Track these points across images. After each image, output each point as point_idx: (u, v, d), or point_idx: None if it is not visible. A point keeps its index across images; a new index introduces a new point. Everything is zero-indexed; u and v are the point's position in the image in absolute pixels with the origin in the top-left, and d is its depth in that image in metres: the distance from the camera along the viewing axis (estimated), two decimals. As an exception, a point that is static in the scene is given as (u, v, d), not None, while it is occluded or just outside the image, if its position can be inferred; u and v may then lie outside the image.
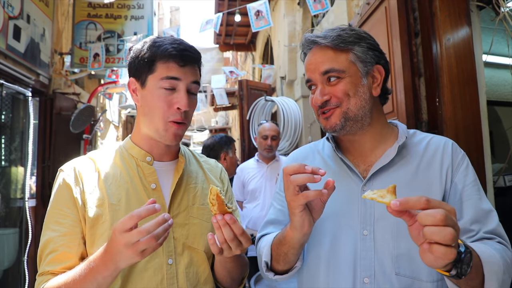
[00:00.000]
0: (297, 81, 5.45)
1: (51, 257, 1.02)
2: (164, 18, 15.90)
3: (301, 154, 1.31)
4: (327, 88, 1.10)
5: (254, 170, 3.50)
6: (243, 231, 0.95)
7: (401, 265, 1.00)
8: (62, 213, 1.07)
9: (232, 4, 7.17)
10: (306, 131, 5.03)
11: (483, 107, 2.07)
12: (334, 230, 1.09)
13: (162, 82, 1.09)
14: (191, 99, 1.13)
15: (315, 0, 3.58)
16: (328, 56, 1.11)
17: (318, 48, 1.14)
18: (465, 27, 2.06)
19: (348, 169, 1.15)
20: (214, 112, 15.97)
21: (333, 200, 1.01)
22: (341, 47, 1.10)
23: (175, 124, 1.11)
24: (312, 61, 1.14)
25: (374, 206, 1.06)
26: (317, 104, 1.11)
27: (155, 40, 1.13)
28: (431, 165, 1.09)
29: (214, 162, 1.40)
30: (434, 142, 1.14)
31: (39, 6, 4.59)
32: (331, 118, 1.10)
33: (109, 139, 7.92)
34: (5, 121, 4.32)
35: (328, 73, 1.09)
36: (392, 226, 1.03)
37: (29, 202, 4.50)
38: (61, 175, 1.13)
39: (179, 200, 1.18)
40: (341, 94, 1.08)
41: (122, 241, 0.86)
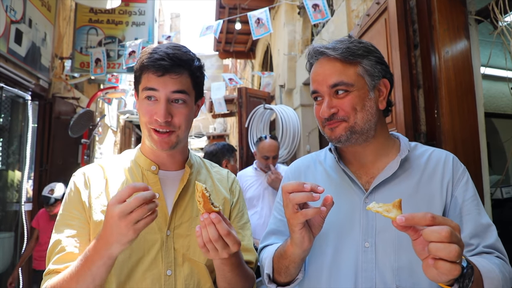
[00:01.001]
0: (296, 89, 5.47)
1: (58, 257, 1.03)
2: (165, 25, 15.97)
3: (303, 165, 1.30)
4: (334, 101, 1.09)
5: (253, 178, 3.50)
6: (228, 232, 0.92)
7: (402, 278, 1.01)
8: (72, 215, 1.09)
9: (233, 12, 7.22)
10: (305, 140, 5.05)
11: (481, 119, 2.09)
12: (336, 241, 1.09)
13: (144, 92, 1.10)
14: (175, 109, 1.11)
15: (315, 9, 3.61)
16: (337, 68, 1.10)
17: (326, 59, 1.12)
18: (464, 40, 2.09)
19: (350, 181, 1.15)
20: (212, 118, 15.98)
21: (335, 211, 1.02)
22: (350, 59, 1.10)
23: (155, 132, 1.10)
24: (319, 72, 1.12)
25: (376, 219, 1.07)
26: (324, 117, 1.10)
27: (145, 51, 1.13)
28: (432, 179, 1.10)
29: (226, 173, 1.37)
30: (436, 155, 1.15)
31: (41, 10, 4.62)
32: (336, 129, 1.09)
33: (107, 144, 7.92)
34: (3, 124, 4.32)
35: (336, 86, 1.08)
36: (393, 239, 1.03)
37: (25, 206, 4.48)
38: (72, 179, 1.16)
39: (182, 211, 1.16)
40: (349, 108, 1.08)
41: (116, 212, 0.87)
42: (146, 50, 1.13)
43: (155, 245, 1.10)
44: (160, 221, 1.12)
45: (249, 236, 1.28)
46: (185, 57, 1.12)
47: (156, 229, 1.11)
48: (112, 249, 0.90)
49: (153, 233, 1.10)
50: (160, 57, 1.07)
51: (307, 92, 5.20)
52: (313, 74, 1.15)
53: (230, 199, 1.28)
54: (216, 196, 1.25)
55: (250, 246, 1.25)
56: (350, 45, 1.11)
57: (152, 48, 1.12)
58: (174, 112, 1.10)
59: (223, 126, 18.05)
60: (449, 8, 2.08)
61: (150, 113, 1.09)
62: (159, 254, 1.10)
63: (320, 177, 1.22)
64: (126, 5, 5.75)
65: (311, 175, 1.25)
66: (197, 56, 1.19)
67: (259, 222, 3.26)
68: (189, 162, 1.25)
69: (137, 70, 1.13)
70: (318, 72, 1.13)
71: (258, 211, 3.33)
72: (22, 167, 4.58)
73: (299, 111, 5.19)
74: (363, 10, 3.09)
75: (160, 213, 1.12)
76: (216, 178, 1.31)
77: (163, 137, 1.10)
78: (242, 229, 1.27)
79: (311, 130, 5.06)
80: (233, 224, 1.26)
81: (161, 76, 1.08)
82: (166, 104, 1.08)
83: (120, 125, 9.59)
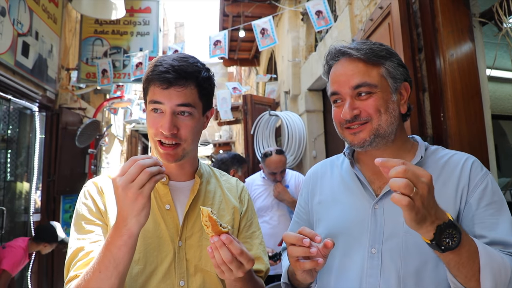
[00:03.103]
0: (301, 95, 5.47)
1: (81, 263, 1.00)
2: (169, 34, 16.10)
3: (320, 171, 1.32)
4: (356, 103, 1.06)
5: (261, 187, 3.48)
6: (241, 251, 0.91)
7: (407, 286, 0.99)
8: (91, 222, 1.08)
9: (237, 20, 7.26)
10: (310, 146, 5.04)
11: (488, 121, 2.07)
12: (345, 246, 1.09)
13: (151, 105, 1.10)
14: (180, 122, 1.09)
15: (318, 16, 3.62)
16: (360, 69, 1.07)
17: (348, 60, 1.09)
18: (468, 43, 2.08)
19: (362, 186, 1.14)
20: (218, 126, 16.02)
21: (345, 216, 1.03)
22: (373, 60, 1.07)
23: (161, 146, 1.10)
24: (341, 73, 1.09)
25: (385, 225, 1.05)
26: (346, 119, 1.06)
27: (152, 62, 1.13)
28: (447, 184, 1.06)
29: (235, 181, 1.36)
30: (454, 159, 1.11)
31: (48, 23, 4.68)
32: (360, 134, 1.07)
33: (113, 154, 7.96)
34: (12, 135, 4.36)
35: (359, 87, 1.06)
36: (401, 246, 1.02)
37: (33, 216, 4.51)
38: (84, 189, 1.16)
39: (193, 221, 1.16)
40: (373, 110, 1.05)
41: (120, 183, 0.88)
42: (152, 62, 1.12)
43: (168, 256, 1.10)
44: (172, 232, 1.12)
45: (258, 244, 1.27)
46: (191, 68, 1.10)
47: (168, 240, 1.11)
48: (129, 224, 0.89)
49: (166, 244, 1.11)
50: (165, 69, 1.07)
51: (312, 98, 5.19)
52: (333, 75, 1.12)
53: (240, 208, 1.28)
54: (225, 205, 1.25)
55: (258, 254, 1.24)
56: (373, 46, 1.09)
57: (157, 60, 1.11)
58: (180, 124, 1.09)
59: (229, 133, 18.09)
60: (452, 10, 2.08)
61: (156, 125, 1.09)
62: (172, 265, 1.10)
63: (336, 182, 1.23)
64: (131, 16, 5.81)
65: (327, 181, 1.26)
66: (206, 66, 1.17)
67: (268, 232, 3.24)
68: (199, 172, 1.25)
69: (144, 82, 1.13)
70: (339, 72, 1.10)
71: (267, 220, 3.32)
72: (30, 178, 4.61)
73: (305, 117, 5.19)
74: (366, 15, 3.09)
75: (172, 224, 1.13)
76: (226, 187, 1.31)
77: (168, 150, 1.10)
78: (250, 238, 1.26)
79: (317, 136, 5.05)
80: (242, 233, 1.26)
81: (166, 89, 1.07)
82: (172, 117, 1.08)
83: (127, 134, 9.64)
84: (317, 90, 5.19)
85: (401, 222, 1.02)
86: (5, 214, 3.81)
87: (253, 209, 1.35)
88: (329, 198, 1.21)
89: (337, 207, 1.17)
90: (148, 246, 1.09)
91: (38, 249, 3.73)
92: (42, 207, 4.80)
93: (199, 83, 1.12)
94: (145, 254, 1.08)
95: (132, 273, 1.06)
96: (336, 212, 1.16)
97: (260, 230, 1.32)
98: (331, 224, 1.15)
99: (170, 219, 1.13)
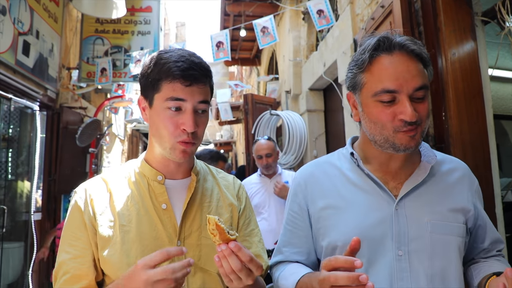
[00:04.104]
0: (302, 95, 5.47)
1: (64, 279, 1.01)
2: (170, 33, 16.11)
3: (317, 170, 1.23)
4: (413, 105, 0.99)
5: (258, 185, 3.49)
6: (251, 258, 0.88)
7: (436, 285, 1.00)
8: (74, 236, 1.06)
9: (238, 19, 7.25)
10: (311, 145, 5.03)
11: (489, 121, 2.06)
12: (368, 252, 1.04)
13: (168, 102, 1.04)
14: (199, 119, 1.07)
15: (320, 15, 3.61)
16: (420, 69, 1.01)
17: (408, 56, 1.01)
18: (470, 42, 2.07)
19: (377, 187, 1.09)
20: (219, 126, 16.02)
21: (365, 219, 1.01)
22: (427, 63, 1.03)
23: (183, 144, 1.06)
24: (403, 69, 0.99)
25: (408, 225, 1.04)
26: (412, 121, 0.97)
27: (161, 57, 1.07)
28: (455, 187, 1.12)
29: (232, 179, 1.33)
30: (457, 166, 1.17)
31: (48, 22, 4.68)
32: (416, 137, 1.01)
33: (114, 153, 7.96)
34: (13, 135, 4.36)
35: (421, 89, 0.99)
36: (426, 246, 1.02)
37: (34, 215, 4.51)
38: (74, 197, 1.12)
39: (191, 220, 1.13)
40: (425, 114, 1.01)
41: (144, 277, 0.85)
42: (165, 57, 1.06)
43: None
44: (169, 232, 1.09)
45: (257, 242, 1.25)
46: (207, 66, 1.09)
47: (166, 241, 1.08)
48: None
49: (164, 245, 1.07)
50: (189, 66, 1.03)
51: (313, 97, 5.18)
52: (390, 68, 1.00)
53: (238, 206, 1.25)
54: (223, 203, 1.22)
55: (258, 252, 1.22)
56: (423, 47, 1.05)
57: (169, 55, 1.06)
58: (198, 122, 1.07)
59: (229, 133, 18.08)
60: (454, 9, 2.07)
61: (175, 124, 1.04)
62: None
63: (339, 182, 1.16)
64: (132, 15, 5.80)
65: (327, 180, 1.18)
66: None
67: (266, 229, 3.24)
68: (195, 169, 1.22)
69: (154, 77, 1.06)
70: (400, 69, 0.99)
71: (265, 217, 3.32)
72: (31, 177, 4.61)
73: (305, 116, 5.18)
74: (368, 14, 3.08)
75: (169, 224, 1.10)
76: (223, 184, 1.28)
77: (187, 147, 1.07)
78: (249, 236, 1.25)
79: (318, 136, 5.04)
80: (241, 231, 1.24)
81: (189, 86, 1.03)
82: (194, 115, 1.05)
83: (128, 133, 9.64)
84: (318, 90, 5.18)
85: (424, 222, 1.03)
86: (6, 213, 3.81)
87: (251, 206, 1.33)
88: (338, 202, 1.12)
89: (352, 211, 1.09)
90: (145, 248, 1.05)
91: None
92: (43, 206, 4.80)
93: (210, 82, 1.12)
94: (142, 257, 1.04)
95: None
96: (352, 216, 1.08)
97: (258, 228, 1.30)
98: (349, 229, 1.07)
99: (167, 218, 1.10)
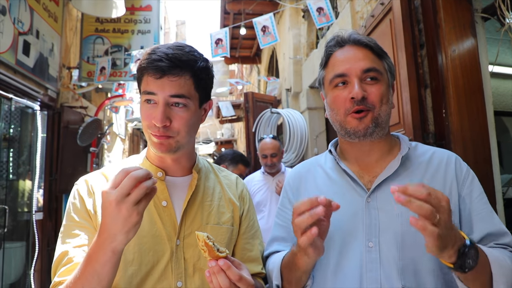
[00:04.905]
0: (302, 93, 5.46)
1: (65, 268, 0.96)
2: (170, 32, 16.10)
3: (303, 169, 1.29)
4: (364, 86, 1.07)
5: (260, 182, 3.49)
6: (240, 277, 0.87)
7: (407, 277, 0.99)
8: (78, 225, 1.03)
9: (238, 18, 7.24)
10: (312, 143, 5.03)
11: (490, 117, 2.06)
12: (340, 243, 1.07)
13: (144, 96, 1.05)
14: (173, 113, 1.04)
15: (320, 13, 3.61)
16: (369, 55, 1.10)
17: (357, 46, 1.12)
18: (470, 38, 2.07)
19: (351, 181, 1.13)
20: (219, 124, 16.02)
21: (338, 213, 1.00)
22: (379, 52, 1.12)
23: (156, 137, 1.04)
24: (350, 56, 1.10)
25: (379, 217, 1.05)
26: (358, 98, 1.05)
27: (147, 51, 1.06)
28: (434, 178, 1.09)
29: (235, 178, 1.31)
30: (437, 155, 1.14)
31: (48, 21, 4.68)
32: (364, 119, 1.07)
33: (115, 152, 7.97)
34: (13, 134, 4.37)
35: (370, 71, 1.07)
36: (397, 237, 1.02)
37: (36, 215, 4.51)
38: (75, 188, 1.10)
39: (191, 219, 1.11)
40: (378, 97, 1.07)
41: (113, 197, 0.81)
42: (147, 51, 1.06)
43: (165, 256, 1.05)
44: (169, 230, 1.07)
45: (258, 245, 1.25)
46: (186, 57, 1.04)
47: (165, 239, 1.06)
48: (116, 241, 0.83)
49: (162, 243, 1.06)
50: (158, 57, 1.01)
51: (313, 95, 5.18)
52: (339, 58, 1.12)
53: (240, 207, 1.24)
54: (225, 202, 1.20)
55: (257, 255, 1.22)
56: (371, 40, 1.14)
57: (152, 49, 1.06)
58: (173, 116, 1.03)
59: (230, 131, 18.09)
60: (454, 6, 2.06)
61: (149, 117, 1.04)
62: (169, 265, 1.05)
63: (321, 180, 1.20)
64: (132, 14, 5.80)
65: (311, 178, 1.23)
66: (204, 57, 1.11)
67: (266, 227, 3.24)
68: (197, 167, 1.20)
69: (138, 71, 1.08)
70: (348, 56, 1.11)
71: (266, 215, 3.33)
72: (32, 177, 4.61)
73: (306, 114, 5.18)
74: (368, 12, 3.07)
75: (169, 222, 1.08)
76: (225, 183, 1.26)
77: (161, 140, 1.04)
78: (252, 238, 1.24)
79: (319, 134, 5.04)
80: (245, 233, 1.22)
81: (159, 79, 1.01)
82: (164, 108, 1.02)
83: (128, 133, 9.65)
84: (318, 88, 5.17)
85: (395, 214, 1.03)
86: (7, 213, 3.82)
87: (254, 208, 1.32)
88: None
89: None
90: (143, 246, 1.04)
91: None
92: (44, 205, 4.81)
93: (195, 73, 1.06)
94: (140, 255, 1.03)
95: (126, 274, 1.02)
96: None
97: (260, 229, 1.29)
98: None
99: (167, 216, 1.08)
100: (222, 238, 1.14)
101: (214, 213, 1.15)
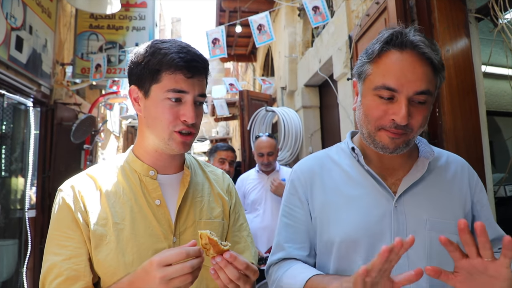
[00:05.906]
0: (297, 91, 5.47)
1: (57, 283, 0.94)
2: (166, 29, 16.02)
3: (316, 165, 1.20)
4: (410, 109, 0.96)
5: (255, 181, 3.49)
6: (247, 265, 0.88)
7: (434, 283, 0.99)
8: (65, 236, 1.00)
9: (233, 15, 7.23)
10: (307, 141, 5.04)
11: (482, 117, 2.08)
12: (367, 248, 1.03)
13: (168, 93, 1.02)
14: (198, 111, 1.07)
15: (315, 12, 3.61)
16: (428, 73, 0.97)
17: (419, 57, 0.97)
18: (464, 39, 2.08)
19: (376, 183, 1.08)
20: (214, 122, 16.00)
21: (365, 216, 1.00)
22: (438, 69, 0.99)
23: (181, 136, 1.05)
24: (409, 70, 0.95)
25: (407, 223, 1.04)
26: (402, 124, 0.96)
27: (160, 46, 1.04)
28: (453, 184, 1.11)
29: (221, 173, 1.32)
30: (452, 160, 1.16)
31: (42, 17, 4.63)
32: (397, 141, 1.00)
33: (109, 150, 7.93)
34: (6, 131, 4.33)
35: (423, 94, 0.96)
36: (425, 243, 1.01)
37: (28, 213, 4.49)
38: (60, 195, 1.06)
39: (185, 216, 1.11)
40: (420, 123, 0.98)
41: (159, 275, 0.84)
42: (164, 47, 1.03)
43: None
44: (165, 228, 1.07)
45: (246, 236, 1.26)
46: (206, 59, 1.09)
47: (162, 237, 1.06)
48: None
49: (160, 242, 1.06)
50: (192, 58, 1.03)
51: (308, 93, 5.19)
52: (396, 65, 0.97)
53: (228, 201, 1.25)
54: (214, 197, 1.22)
55: (247, 247, 1.24)
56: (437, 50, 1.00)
57: (172, 45, 1.04)
58: (197, 114, 1.07)
59: (225, 129, 18.07)
60: (448, 6, 2.08)
61: (175, 114, 1.04)
62: None
63: (339, 178, 1.14)
64: (127, 10, 5.76)
65: (327, 175, 1.16)
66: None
67: (261, 225, 3.25)
68: (187, 163, 1.21)
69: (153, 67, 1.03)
70: (405, 69, 0.96)
71: (261, 214, 3.32)
72: (25, 174, 4.58)
73: (301, 112, 5.19)
74: (363, 11, 3.08)
75: (164, 220, 1.08)
76: (212, 178, 1.27)
77: (186, 139, 1.07)
78: (239, 231, 1.25)
79: (313, 132, 5.05)
80: (233, 227, 1.24)
81: (190, 78, 1.03)
82: (194, 106, 1.05)
83: (123, 130, 9.61)
84: (313, 86, 5.18)
85: (423, 219, 1.03)
86: (0, 210, 3.79)
87: (240, 201, 1.34)
88: (338, 199, 1.11)
89: (352, 208, 1.08)
90: (141, 246, 1.03)
91: None
92: (37, 203, 4.77)
93: (207, 75, 1.12)
94: (139, 255, 1.02)
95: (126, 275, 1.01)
96: (351, 213, 1.07)
97: (247, 222, 1.30)
98: (349, 226, 1.06)
99: (161, 215, 1.08)
100: (216, 232, 1.15)
101: (205, 209, 1.17)
